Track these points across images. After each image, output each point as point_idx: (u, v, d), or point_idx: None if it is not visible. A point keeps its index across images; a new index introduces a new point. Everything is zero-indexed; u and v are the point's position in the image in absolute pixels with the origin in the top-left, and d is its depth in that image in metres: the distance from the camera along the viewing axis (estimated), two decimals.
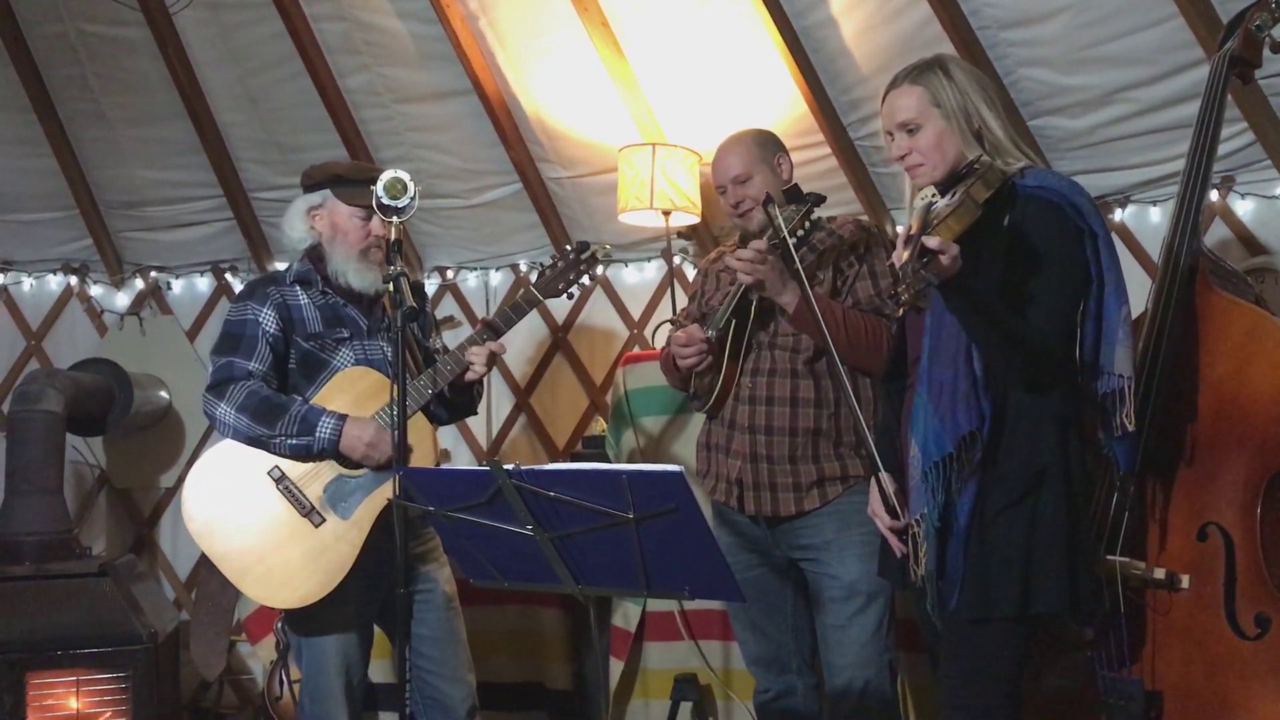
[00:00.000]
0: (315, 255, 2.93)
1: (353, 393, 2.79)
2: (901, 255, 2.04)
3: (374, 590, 2.78)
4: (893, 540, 2.38)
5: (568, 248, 2.97)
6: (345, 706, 2.79)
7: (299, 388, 2.84)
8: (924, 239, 2.02)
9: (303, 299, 2.88)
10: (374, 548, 2.72)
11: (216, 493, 2.78)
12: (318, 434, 2.72)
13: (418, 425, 2.82)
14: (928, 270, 2.01)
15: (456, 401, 2.99)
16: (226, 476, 2.78)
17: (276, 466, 2.76)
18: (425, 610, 2.85)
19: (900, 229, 2.13)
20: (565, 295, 2.96)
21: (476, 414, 3.16)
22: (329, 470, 2.77)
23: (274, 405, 2.75)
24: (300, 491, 2.75)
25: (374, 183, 2.79)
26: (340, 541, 2.73)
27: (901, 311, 2.14)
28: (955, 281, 2.09)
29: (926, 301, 2.10)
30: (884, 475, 2.39)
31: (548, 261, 2.99)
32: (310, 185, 2.95)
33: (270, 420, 2.73)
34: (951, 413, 2.21)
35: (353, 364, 2.84)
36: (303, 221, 2.93)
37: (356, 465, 2.78)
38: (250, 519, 2.75)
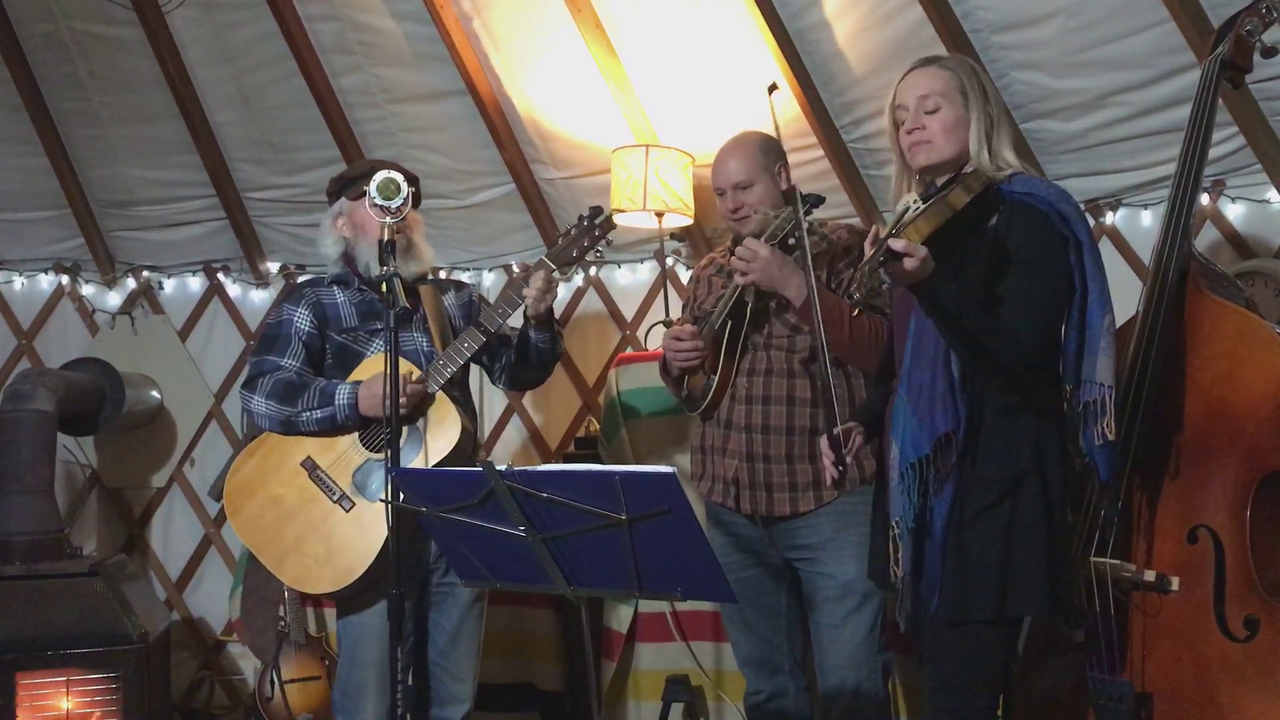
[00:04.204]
0: (348, 259, 3.02)
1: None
2: (868, 253, 2.06)
3: (408, 584, 2.78)
4: (830, 466, 2.37)
5: (581, 215, 2.98)
6: (377, 703, 2.81)
7: (334, 380, 2.91)
8: (890, 241, 2.03)
9: (339, 297, 2.98)
10: (407, 539, 2.72)
11: (254, 486, 2.90)
12: (337, 401, 2.81)
13: (440, 403, 2.85)
14: (887, 270, 2.02)
15: (538, 342, 2.95)
16: (263, 469, 2.91)
17: (309, 456, 2.86)
18: (451, 605, 2.92)
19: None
20: (581, 264, 2.95)
21: (560, 355, 3.12)
22: (357, 455, 2.86)
23: (296, 385, 2.86)
24: (330, 479, 2.84)
25: (375, 173, 2.85)
26: (370, 525, 2.79)
27: (856, 312, 2.18)
28: (928, 285, 2.10)
29: (882, 300, 2.11)
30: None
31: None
32: (331, 199, 3.06)
33: (293, 399, 2.84)
34: (930, 414, 2.23)
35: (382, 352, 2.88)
36: (331, 233, 3.03)
37: (383, 447, 2.80)
38: (286, 509, 2.85)
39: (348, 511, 2.82)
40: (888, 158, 2.56)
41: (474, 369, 3.11)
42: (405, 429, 2.78)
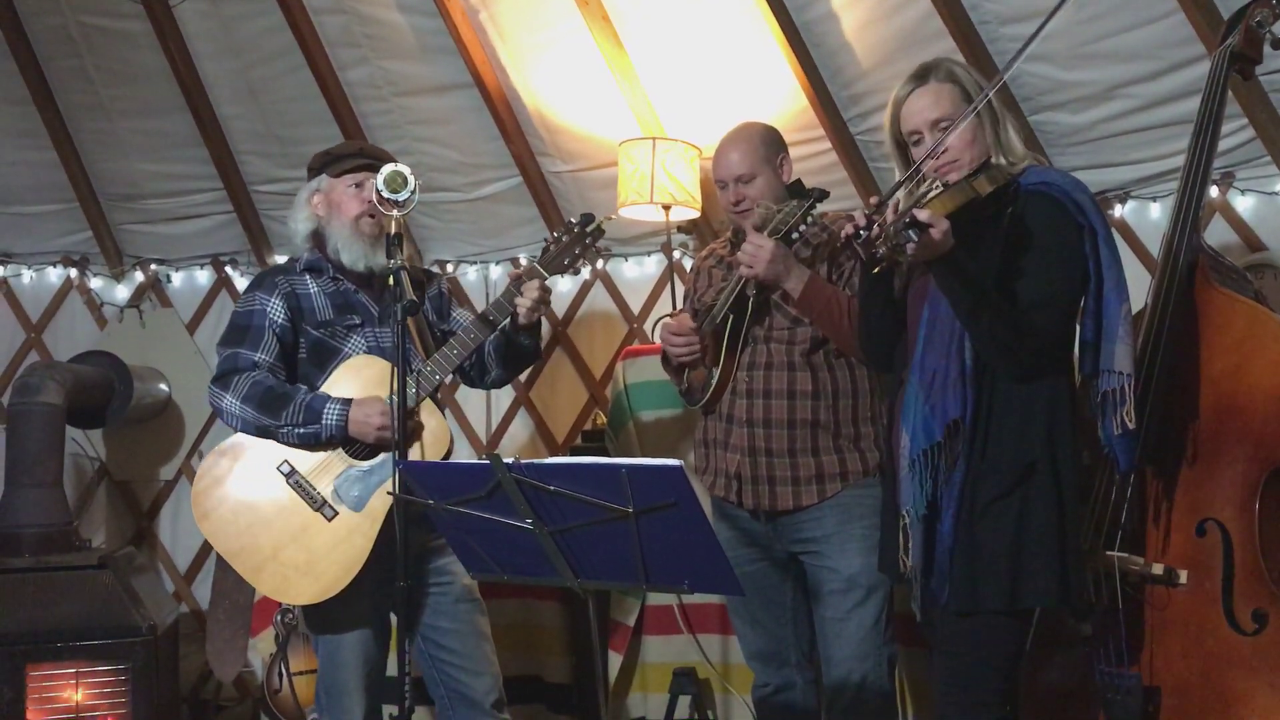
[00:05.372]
0: (319, 241, 2.90)
1: (359, 381, 2.77)
2: (888, 217, 2.07)
3: (388, 583, 2.73)
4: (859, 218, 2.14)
5: (571, 220, 2.90)
6: (361, 701, 2.77)
7: (309, 377, 2.81)
8: (914, 210, 2.05)
9: (312, 287, 2.85)
10: (387, 540, 2.68)
11: (226, 489, 2.76)
12: (324, 421, 2.69)
13: (427, 409, 2.79)
14: (914, 233, 2.02)
15: (524, 345, 2.90)
16: (236, 472, 2.77)
17: (286, 461, 2.74)
18: (443, 602, 2.83)
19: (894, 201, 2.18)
20: (572, 271, 2.89)
21: (539, 357, 3.05)
22: (339, 462, 2.75)
23: (279, 394, 2.72)
24: (311, 485, 2.73)
25: (363, 154, 2.84)
26: (354, 534, 2.71)
27: (877, 270, 2.18)
28: (947, 259, 2.11)
29: (902, 255, 2.10)
30: None
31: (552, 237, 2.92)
32: (310, 175, 2.94)
33: (275, 410, 2.70)
34: (941, 400, 2.23)
35: (364, 351, 2.81)
36: (305, 209, 2.90)
37: (367, 455, 2.76)
38: (262, 515, 2.73)
39: (329, 520, 2.71)
40: None
41: None
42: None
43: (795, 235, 2.71)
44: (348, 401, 2.71)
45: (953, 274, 2.15)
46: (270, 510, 2.73)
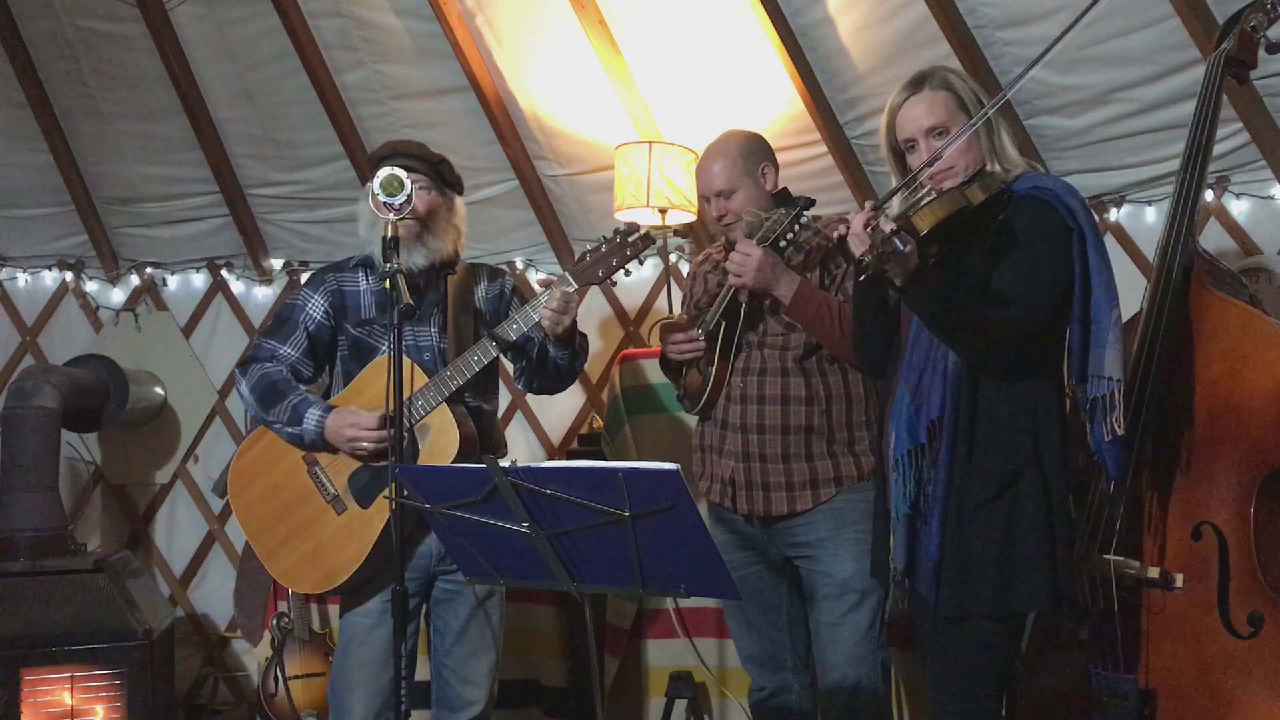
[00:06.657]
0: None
1: (381, 383, 2.72)
2: (867, 226, 2.10)
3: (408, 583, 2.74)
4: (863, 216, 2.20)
5: (616, 229, 2.84)
6: (363, 700, 2.77)
7: (351, 373, 2.86)
8: (892, 221, 2.07)
9: (362, 285, 2.90)
10: (409, 540, 2.71)
11: (258, 471, 2.86)
12: (304, 425, 2.75)
13: (440, 417, 2.78)
14: (900, 240, 2.03)
15: (554, 357, 2.89)
16: (268, 455, 2.85)
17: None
18: (459, 604, 2.86)
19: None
20: (607, 281, 2.84)
21: (578, 371, 3.02)
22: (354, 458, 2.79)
23: (277, 390, 2.79)
24: (327, 478, 2.79)
25: (396, 154, 2.86)
26: (359, 531, 2.74)
27: (862, 278, 2.19)
28: (914, 276, 2.12)
29: (888, 263, 2.11)
30: None
31: (590, 245, 2.85)
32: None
33: (270, 405, 2.78)
34: (926, 401, 2.24)
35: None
36: (366, 213, 2.87)
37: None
38: (283, 501, 2.82)
39: (339, 514, 2.76)
40: None
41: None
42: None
43: (784, 242, 2.71)
44: (329, 409, 2.75)
45: (917, 292, 2.15)
46: (291, 497, 2.81)
